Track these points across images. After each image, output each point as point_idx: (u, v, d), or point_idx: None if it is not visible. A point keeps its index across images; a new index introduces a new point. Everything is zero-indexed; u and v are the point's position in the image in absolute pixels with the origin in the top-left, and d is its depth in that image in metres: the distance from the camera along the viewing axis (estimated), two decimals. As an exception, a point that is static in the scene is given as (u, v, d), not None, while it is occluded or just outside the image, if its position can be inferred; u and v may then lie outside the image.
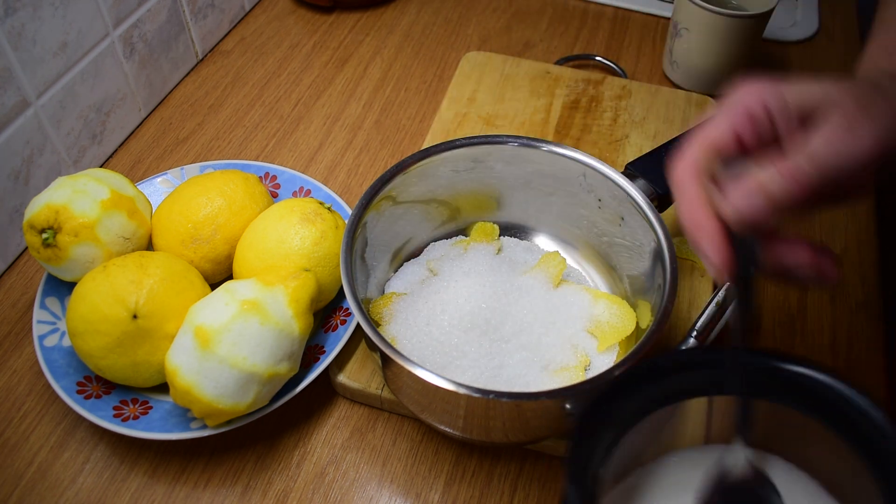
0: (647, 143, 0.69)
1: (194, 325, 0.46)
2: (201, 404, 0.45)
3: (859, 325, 0.58)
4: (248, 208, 0.55)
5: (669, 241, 0.48)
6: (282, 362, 0.47)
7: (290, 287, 0.48)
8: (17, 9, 0.56)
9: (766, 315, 0.59)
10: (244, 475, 0.50)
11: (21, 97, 0.59)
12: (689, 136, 0.36)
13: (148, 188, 0.62)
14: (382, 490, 0.50)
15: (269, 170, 0.63)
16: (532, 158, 0.54)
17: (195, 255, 0.54)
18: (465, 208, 0.58)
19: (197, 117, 0.75)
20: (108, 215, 0.52)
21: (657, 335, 0.43)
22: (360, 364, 0.53)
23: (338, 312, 0.55)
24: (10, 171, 0.59)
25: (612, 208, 0.53)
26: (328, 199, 0.60)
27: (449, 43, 0.85)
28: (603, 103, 0.73)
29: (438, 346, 0.50)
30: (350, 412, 0.54)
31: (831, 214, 0.66)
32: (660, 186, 0.52)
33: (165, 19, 0.74)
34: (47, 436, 0.52)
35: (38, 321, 0.53)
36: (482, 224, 0.58)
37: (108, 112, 0.69)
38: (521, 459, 0.51)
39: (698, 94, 0.74)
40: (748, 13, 0.70)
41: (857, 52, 0.83)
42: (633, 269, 0.53)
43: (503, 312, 0.52)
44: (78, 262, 0.51)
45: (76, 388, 0.50)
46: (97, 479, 0.50)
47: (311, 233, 0.52)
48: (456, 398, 0.43)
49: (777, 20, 0.86)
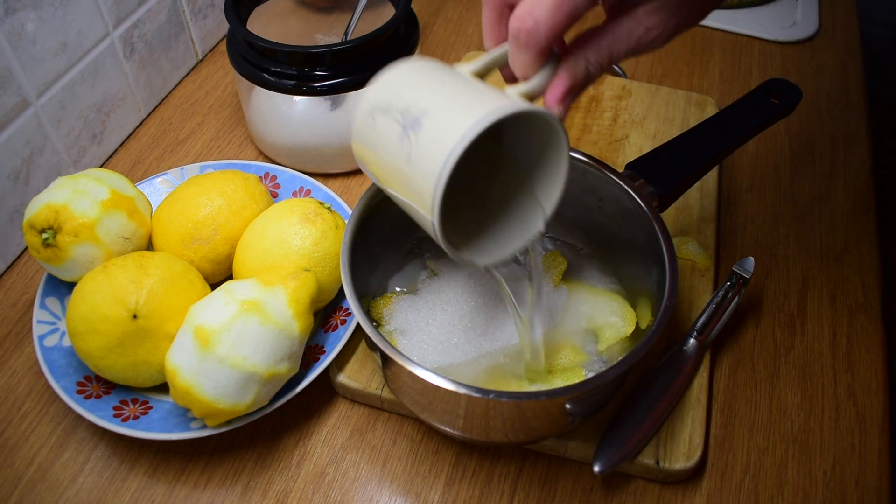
0: (647, 143, 0.69)
1: (194, 325, 0.46)
2: (201, 404, 0.45)
3: (859, 325, 0.58)
4: (248, 208, 0.55)
5: (669, 241, 0.48)
6: (282, 362, 0.47)
7: (290, 287, 0.48)
8: (17, 9, 0.56)
9: (766, 315, 0.59)
10: (244, 475, 0.50)
11: (21, 97, 0.59)
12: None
13: (148, 188, 0.62)
14: (382, 490, 0.50)
15: (269, 170, 0.63)
16: (532, 158, 0.54)
17: (195, 255, 0.54)
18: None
19: (197, 117, 0.75)
20: (108, 215, 0.52)
21: (657, 335, 0.43)
22: (360, 364, 0.53)
23: (338, 312, 0.55)
24: (10, 171, 0.59)
25: (612, 208, 0.53)
26: (328, 199, 0.60)
27: (449, 43, 0.85)
28: (603, 103, 0.73)
29: (438, 345, 0.50)
30: (350, 412, 0.54)
31: (831, 214, 0.66)
32: (660, 186, 0.52)
33: (165, 19, 0.74)
34: (47, 436, 0.52)
35: (38, 321, 0.53)
36: None
37: (108, 112, 0.69)
38: (521, 459, 0.51)
39: (698, 94, 0.74)
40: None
41: (857, 52, 0.84)
42: (634, 269, 0.53)
43: (504, 312, 0.52)
44: (78, 262, 0.51)
45: (76, 388, 0.50)
46: (97, 479, 0.50)
47: (311, 233, 0.52)
48: (456, 398, 0.43)
49: (777, 20, 0.86)
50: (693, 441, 0.50)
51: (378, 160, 0.39)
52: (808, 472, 0.51)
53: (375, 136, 0.38)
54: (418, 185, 0.36)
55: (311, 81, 0.62)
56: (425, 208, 0.36)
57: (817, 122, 0.75)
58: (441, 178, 0.35)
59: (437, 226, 0.36)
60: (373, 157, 0.39)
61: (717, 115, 0.56)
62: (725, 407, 0.54)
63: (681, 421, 0.51)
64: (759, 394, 0.55)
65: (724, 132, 0.55)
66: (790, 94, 0.57)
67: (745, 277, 0.54)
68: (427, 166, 0.35)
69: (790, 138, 0.73)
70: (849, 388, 0.55)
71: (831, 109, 0.76)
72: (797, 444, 0.52)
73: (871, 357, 0.57)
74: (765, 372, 0.56)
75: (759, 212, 0.66)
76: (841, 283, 0.61)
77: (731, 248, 0.64)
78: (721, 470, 0.51)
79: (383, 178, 0.40)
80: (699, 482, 0.50)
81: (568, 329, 0.52)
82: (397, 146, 0.37)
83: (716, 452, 0.52)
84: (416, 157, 0.36)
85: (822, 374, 0.56)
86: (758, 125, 0.56)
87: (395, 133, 0.37)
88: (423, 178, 0.36)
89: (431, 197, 0.35)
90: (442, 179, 0.35)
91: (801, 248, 0.64)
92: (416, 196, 0.37)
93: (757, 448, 0.52)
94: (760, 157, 0.71)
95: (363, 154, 0.40)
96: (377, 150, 0.39)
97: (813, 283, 0.61)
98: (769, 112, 0.56)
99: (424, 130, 0.36)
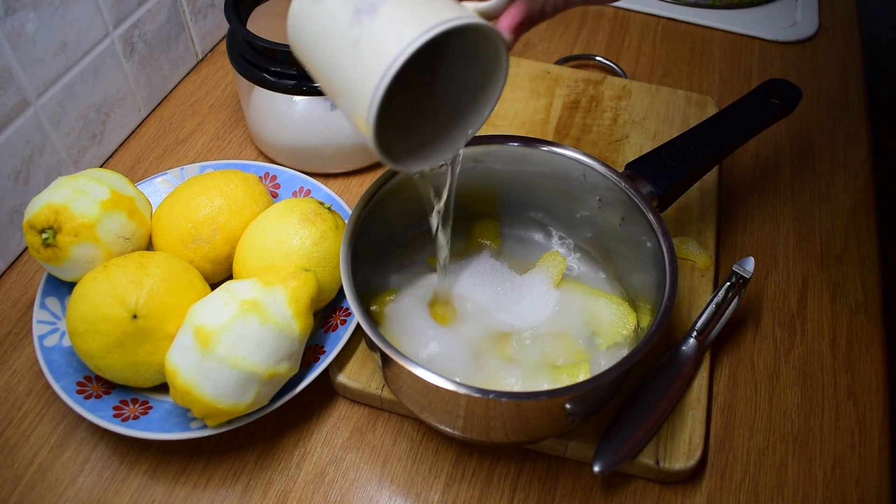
0: (647, 143, 0.69)
1: (194, 325, 0.46)
2: (201, 404, 0.45)
3: (859, 325, 0.59)
4: (248, 208, 0.55)
5: (669, 241, 0.48)
6: (282, 362, 0.47)
7: (290, 287, 0.48)
8: (17, 9, 0.56)
9: (766, 315, 0.59)
10: (244, 475, 0.50)
11: (21, 97, 0.59)
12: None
13: (148, 188, 0.62)
14: (382, 490, 0.50)
15: (269, 170, 0.63)
16: (532, 158, 0.54)
17: (195, 255, 0.54)
18: (466, 208, 0.58)
19: (197, 117, 0.75)
20: (108, 215, 0.52)
21: (657, 334, 0.43)
22: (360, 364, 0.53)
23: (338, 312, 0.55)
24: (10, 171, 0.59)
25: (612, 208, 0.53)
26: (328, 199, 0.60)
27: (449, 43, 0.85)
28: (603, 103, 0.73)
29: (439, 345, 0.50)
30: (350, 412, 0.54)
31: (831, 214, 0.66)
32: (660, 186, 0.52)
33: (165, 19, 0.74)
34: (47, 436, 0.52)
35: (38, 321, 0.53)
36: (484, 223, 0.58)
37: (108, 112, 0.69)
38: (521, 459, 0.51)
39: (698, 94, 0.74)
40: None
41: (857, 52, 0.84)
42: (634, 269, 0.53)
43: (504, 312, 0.52)
44: (78, 262, 0.51)
45: (76, 388, 0.50)
46: (97, 479, 0.50)
47: (311, 233, 0.52)
48: (456, 398, 0.43)
49: (777, 20, 0.86)
50: (693, 441, 0.50)
51: (318, 42, 0.37)
52: (808, 472, 0.51)
53: (320, 13, 0.37)
54: (359, 73, 0.35)
55: (311, 81, 0.62)
56: (361, 98, 0.35)
57: (817, 122, 0.75)
58: (391, 68, 0.34)
59: (371, 120, 0.36)
60: (311, 38, 0.38)
61: (717, 115, 0.56)
62: (725, 407, 0.54)
63: (681, 421, 0.51)
64: (759, 394, 0.55)
65: (724, 132, 0.55)
66: (790, 94, 0.57)
67: (745, 277, 0.54)
68: (374, 56, 0.35)
69: (790, 138, 0.73)
70: (849, 388, 0.55)
71: (831, 109, 0.76)
72: (797, 444, 0.52)
73: (871, 357, 0.57)
74: (765, 372, 0.56)
75: (759, 212, 0.67)
76: (841, 283, 0.61)
77: (731, 248, 0.64)
78: (721, 470, 0.51)
79: (318, 63, 0.38)
80: (699, 482, 0.50)
81: (568, 329, 0.52)
82: (344, 29, 0.36)
83: (716, 452, 0.52)
84: (364, 44, 0.35)
85: (822, 374, 0.56)
86: (758, 125, 0.56)
87: (344, 15, 0.36)
88: (366, 67, 0.35)
89: (373, 88, 0.35)
90: (392, 69, 0.34)
91: (801, 248, 0.64)
92: (353, 84, 0.36)
93: (757, 448, 0.52)
94: (760, 157, 0.71)
95: (299, 31, 0.38)
96: (319, 30, 0.37)
97: (813, 283, 0.61)
98: (769, 112, 0.56)
99: (380, 17, 0.35)
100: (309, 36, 0.38)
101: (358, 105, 0.36)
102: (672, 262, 0.47)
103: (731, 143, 0.55)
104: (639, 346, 0.43)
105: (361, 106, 0.36)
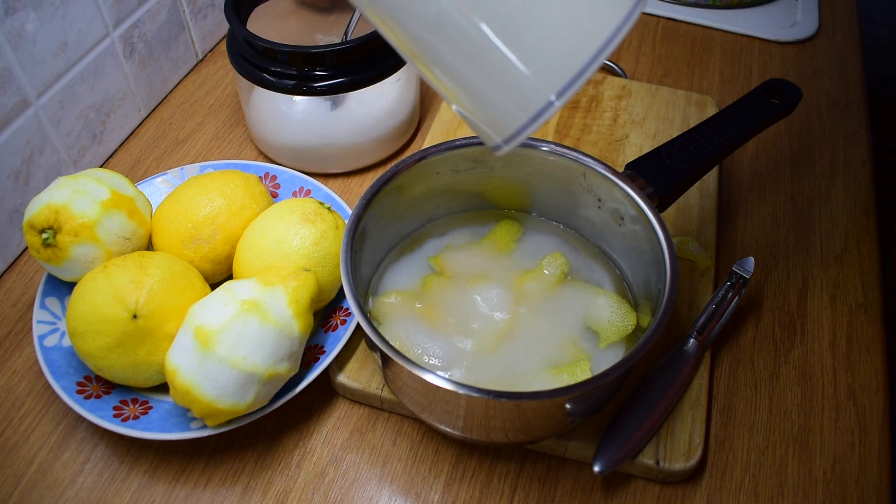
0: (647, 143, 0.69)
1: (194, 325, 0.46)
2: (201, 404, 0.45)
3: (859, 325, 0.59)
4: (248, 208, 0.56)
5: (669, 241, 0.48)
6: (282, 362, 0.47)
7: (290, 287, 0.48)
8: (17, 9, 0.56)
9: (766, 315, 0.59)
10: (244, 475, 0.50)
11: (21, 97, 0.59)
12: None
13: (148, 188, 0.62)
14: (382, 490, 0.50)
15: (269, 170, 0.63)
16: (532, 158, 0.54)
17: (195, 255, 0.54)
18: (496, 203, 0.58)
19: (197, 117, 0.75)
20: (108, 215, 0.52)
21: (657, 334, 0.43)
22: (360, 364, 0.53)
23: (338, 312, 0.55)
24: (10, 171, 0.59)
25: (612, 208, 0.53)
26: (328, 199, 0.61)
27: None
28: (603, 103, 0.73)
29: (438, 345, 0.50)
30: (350, 412, 0.54)
31: (831, 214, 0.66)
32: (660, 186, 0.52)
33: (165, 19, 0.74)
34: (47, 436, 0.52)
35: (38, 321, 0.53)
36: (506, 223, 0.58)
37: (108, 112, 0.69)
38: (521, 459, 0.51)
39: (698, 94, 0.74)
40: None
41: (857, 52, 0.84)
42: (634, 269, 0.54)
43: (504, 311, 0.52)
44: (78, 262, 0.51)
45: (76, 388, 0.50)
46: (97, 479, 0.50)
47: (311, 233, 0.52)
48: (456, 398, 0.43)
49: (777, 20, 0.86)
50: (693, 441, 0.50)
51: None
52: (808, 472, 0.51)
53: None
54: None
55: (311, 81, 0.62)
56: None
57: (817, 122, 0.75)
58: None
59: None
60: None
61: (717, 115, 0.56)
62: (725, 407, 0.54)
63: (681, 421, 0.51)
64: (759, 394, 0.55)
65: (724, 132, 0.55)
66: (790, 94, 0.57)
67: (745, 277, 0.54)
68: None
69: (790, 138, 0.73)
70: (849, 388, 0.55)
71: (831, 109, 0.76)
72: (797, 444, 0.52)
73: (871, 357, 0.57)
74: (765, 372, 0.56)
75: (759, 212, 0.67)
76: (841, 283, 0.61)
77: (731, 248, 0.64)
78: (721, 470, 0.51)
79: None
80: (699, 482, 0.50)
81: (568, 328, 0.52)
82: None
83: (716, 452, 0.52)
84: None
85: (822, 374, 0.56)
86: (758, 125, 0.56)
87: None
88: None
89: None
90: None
91: (801, 248, 0.64)
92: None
93: (757, 448, 0.52)
94: (760, 157, 0.71)
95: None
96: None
97: (813, 283, 0.61)
98: (769, 112, 0.56)
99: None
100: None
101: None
102: (672, 262, 0.47)
103: (731, 143, 0.55)
104: (639, 346, 0.43)
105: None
